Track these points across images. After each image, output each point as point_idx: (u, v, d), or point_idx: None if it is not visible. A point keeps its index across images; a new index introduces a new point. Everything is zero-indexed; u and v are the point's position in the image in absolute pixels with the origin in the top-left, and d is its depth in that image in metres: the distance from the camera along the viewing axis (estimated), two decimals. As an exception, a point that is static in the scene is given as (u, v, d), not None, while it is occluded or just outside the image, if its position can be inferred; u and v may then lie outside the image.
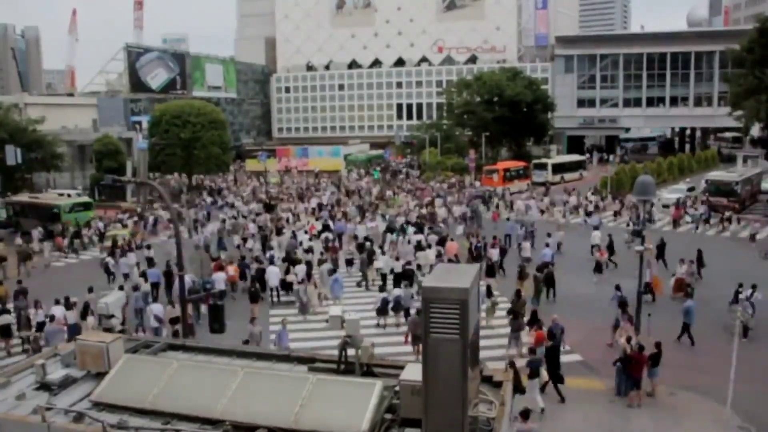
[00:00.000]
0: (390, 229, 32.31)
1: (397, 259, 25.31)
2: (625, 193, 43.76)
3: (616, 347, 16.75)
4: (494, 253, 26.97)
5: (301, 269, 23.67)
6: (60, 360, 8.10)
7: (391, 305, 21.16)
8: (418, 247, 27.93)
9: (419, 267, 25.48)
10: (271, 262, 25.80)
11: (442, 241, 28.75)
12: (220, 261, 26.01)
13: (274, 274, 24.03)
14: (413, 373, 6.27)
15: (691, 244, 28.92)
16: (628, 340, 15.88)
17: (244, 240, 31.46)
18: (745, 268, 25.30)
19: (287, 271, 24.48)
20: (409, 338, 18.60)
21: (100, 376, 7.49)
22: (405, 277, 23.81)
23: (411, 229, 31.61)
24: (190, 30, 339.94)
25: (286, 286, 24.08)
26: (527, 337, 18.61)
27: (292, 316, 21.06)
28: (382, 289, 22.37)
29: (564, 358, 17.29)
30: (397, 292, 21.65)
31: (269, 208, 42.43)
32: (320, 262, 25.59)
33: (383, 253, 27.59)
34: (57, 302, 19.89)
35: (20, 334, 20.09)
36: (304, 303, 22.40)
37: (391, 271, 24.74)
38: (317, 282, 24.11)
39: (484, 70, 76.72)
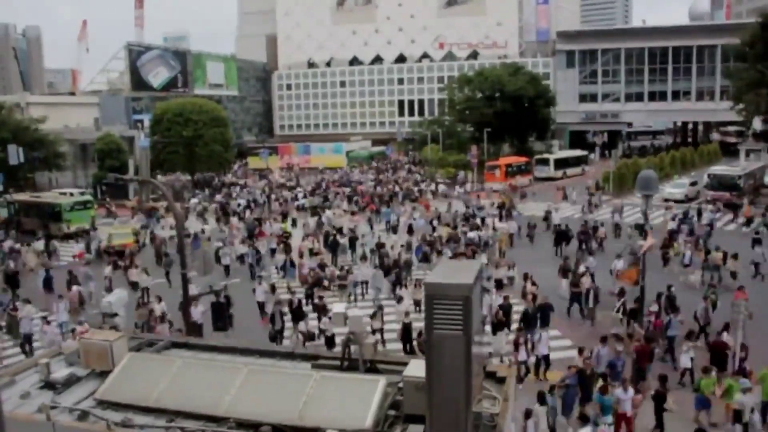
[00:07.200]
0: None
1: None
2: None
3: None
4: None
5: None
6: (64, 358, 8.12)
7: None
8: None
9: None
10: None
11: None
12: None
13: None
14: (417, 369, 6.27)
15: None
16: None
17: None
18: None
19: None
20: None
21: (104, 374, 7.50)
22: None
23: None
24: (191, 28, 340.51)
25: None
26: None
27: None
28: None
29: (565, 354, 17.31)
30: None
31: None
32: None
33: None
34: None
35: None
36: None
37: None
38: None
39: (485, 65, 76.65)
